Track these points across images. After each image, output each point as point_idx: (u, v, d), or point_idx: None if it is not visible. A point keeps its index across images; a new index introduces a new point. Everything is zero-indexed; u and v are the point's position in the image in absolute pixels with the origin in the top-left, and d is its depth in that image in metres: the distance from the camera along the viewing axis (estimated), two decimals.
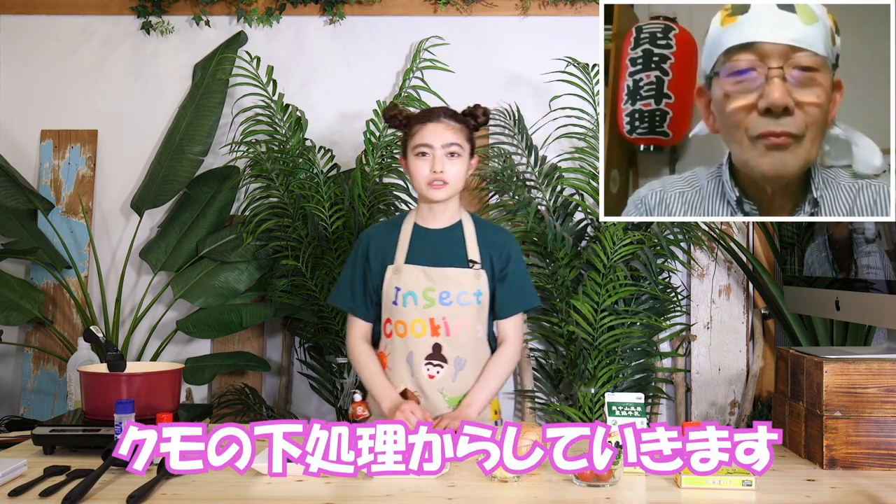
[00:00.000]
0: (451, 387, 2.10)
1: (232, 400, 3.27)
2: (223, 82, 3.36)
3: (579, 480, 1.62)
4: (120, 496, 1.52)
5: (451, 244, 2.14)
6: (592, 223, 3.31)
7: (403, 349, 2.11)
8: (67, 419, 1.95)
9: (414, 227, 2.16)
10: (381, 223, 2.29)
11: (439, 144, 2.05)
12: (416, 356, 2.09)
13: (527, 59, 3.47)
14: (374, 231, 2.22)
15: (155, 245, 3.38)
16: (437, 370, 2.09)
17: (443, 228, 2.15)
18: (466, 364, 2.11)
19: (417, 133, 2.07)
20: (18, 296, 3.17)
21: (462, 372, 2.10)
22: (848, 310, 1.94)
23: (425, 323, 2.09)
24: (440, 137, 2.05)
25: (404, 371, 2.11)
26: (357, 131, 3.46)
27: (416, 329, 2.09)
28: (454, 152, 2.06)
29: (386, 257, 2.14)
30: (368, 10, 3.49)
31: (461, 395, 2.10)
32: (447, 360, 2.09)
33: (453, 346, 2.09)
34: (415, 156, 2.07)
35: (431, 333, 2.09)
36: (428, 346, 2.09)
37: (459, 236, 2.15)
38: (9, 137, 3.53)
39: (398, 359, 2.12)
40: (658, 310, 3.21)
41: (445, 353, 2.09)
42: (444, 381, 2.09)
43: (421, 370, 2.09)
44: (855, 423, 1.76)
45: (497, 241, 2.17)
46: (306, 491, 1.59)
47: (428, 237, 2.15)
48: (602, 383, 3.13)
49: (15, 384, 3.50)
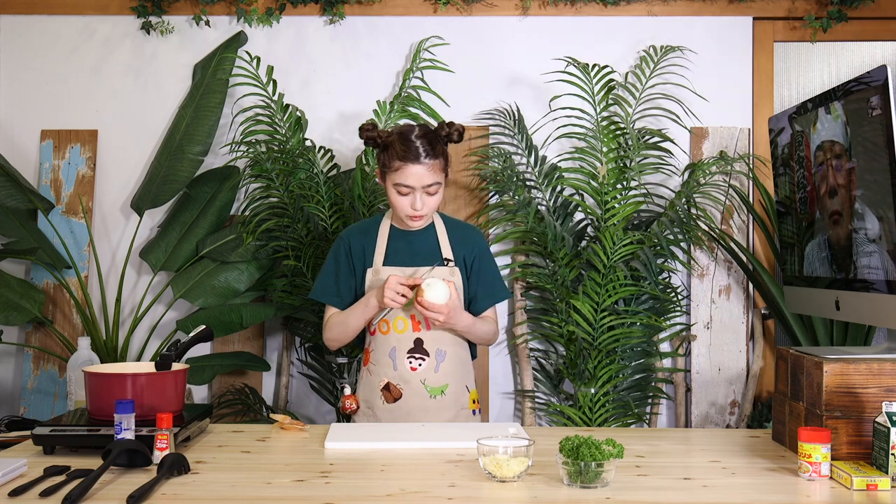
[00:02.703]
0: (433, 378, 2.22)
1: (232, 400, 3.27)
2: (223, 82, 3.36)
3: (568, 481, 1.61)
4: (120, 496, 1.52)
5: (426, 244, 2.27)
6: (592, 223, 3.31)
7: (386, 345, 2.22)
8: (67, 419, 1.95)
9: (390, 228, 2.27)
10: (358, 224, 2.37)
11: (420, 186, 2.15)
12: (398, 350, 2.21)
13: (527, 59, 3.47)
14: (353, 232, 2.32)
15: (155, 245, 3.38)
16: (420, 363, 2.21)
17: (416, 230, 2.26)
18: (447, 356, 2.23)
19: (398, 171, 2.14)
20: (18, 296, 3.17)
21: (443, 364, 2.23)
22: (848, 310, 1.93)
23: (406, 319, 2.21)
24: (421, 180, 2.14)
25: (387, 365, 2.22)
26: (357, 131, 3.46)
27: (398, 326, 2.22)
28: (433, 191, 2.17)
29: (366, 259, 2.26)
30: (368, 10, 3.49)
31: (443, 386, 2.22)
32: (429, 353, 2.21)
33: (434, 340, 2.22)
34: (394, 189, 2.16)
35: (413, 329, 2.21)
36: (410, 340, 2.21)
37: (433, 236, 2.29)
38: (9, 137, 3.53)
39: (381, 354, 2.23)
40: (658, 310, 3.21)
41: (427, 347, 2.21)
42: (426, 373, 2.21)
43: (404, 363, 2.21)
44: (855, 423, 1.76)
45: (467, 238, 2.31)
46: (306, 491, 1.59)
47: (405, 238, 2.27)
48: (602, 383, 3.13)
49: (15, 384, 3.50)
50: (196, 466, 1.75)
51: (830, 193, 1.96)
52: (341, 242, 2.29)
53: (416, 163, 2.13)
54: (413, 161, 2.12)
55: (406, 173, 2.13)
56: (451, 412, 2.24)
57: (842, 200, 1.91)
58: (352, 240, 2.29)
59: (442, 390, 2.22)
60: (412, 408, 2.21)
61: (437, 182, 2.16)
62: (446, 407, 2.23)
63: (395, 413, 2.21)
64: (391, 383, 2.21)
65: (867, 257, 1.83)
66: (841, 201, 1.92)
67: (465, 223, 2.42)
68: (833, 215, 1.96)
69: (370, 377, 2.26)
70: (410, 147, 2.13)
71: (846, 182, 1.88)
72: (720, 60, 3.47)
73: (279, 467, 1.76)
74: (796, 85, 3.59)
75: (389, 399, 2.22)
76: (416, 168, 2.13)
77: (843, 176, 1.89)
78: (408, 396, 2.20)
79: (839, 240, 1.94)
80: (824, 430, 1.67)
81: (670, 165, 3.28)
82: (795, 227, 2.17)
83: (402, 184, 2.14)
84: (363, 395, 2.27)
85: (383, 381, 2.22)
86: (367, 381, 2.27)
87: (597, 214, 3.21)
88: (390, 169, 2.15)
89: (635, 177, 3.18)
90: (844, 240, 1.92)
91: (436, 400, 2.22)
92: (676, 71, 3.38)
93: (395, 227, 2.28)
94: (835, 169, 1.93)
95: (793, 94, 3.58)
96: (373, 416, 2.24)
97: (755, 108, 3.49)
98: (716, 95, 3.44)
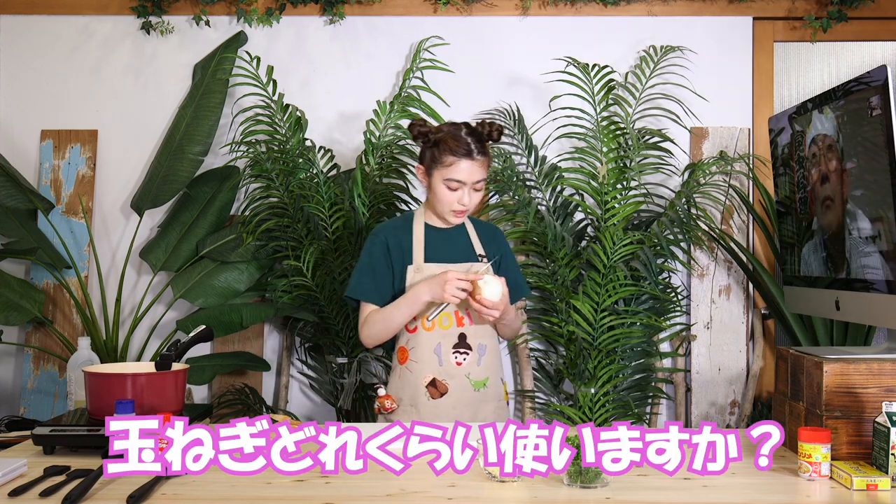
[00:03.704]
0: (476, 371, 2.26)
1: (232, 400, 3.27)
2: (223, 82, 3.36)
3: (568, 481, 1.62)
4: (120, 496, 1.52)
5: (460, 241, 2.33)
6: (592, 223, 3.31)
7: (431, 341, 2.25)
8: (67, 419, 1.95)
9: (425, 226, 2.31)
10: (391, 222, 2.38)
11: (471, 181, 2.21)
12: (443, 346, 2.25)
13: (527, 59, 3.47)
14: (388, 228, 2.33)
15: (155, 245, 3.38)
16: (464, 357, 2.25)
17: (450, 227, 2.32)
18: (487, 349, 2.29)
19: (452, 166, 2.19)
20: (18, 296, 3.17)
21: (484, 357, 2.28)
22: (848, 310, 1.93)
23: (451, 315, 2.25)
24: (473, 175, 2.21)
25: (432, 361, 2.24)
26: (357, 131, 3.46)
27: (442, 321, 2.25)
28: (480, 187, 2.23)
29: (404, 255, 2.28)
30: (368, 10, 3.49)
31: (484, 379, 2.27)
32: (472, 348, 2.26)
33: (476, 334, 2.27)
34: (443, 184, 2.21)
35: (457, 324, 2.25)
36: (454, 335, 2.25)
37: (465, 233, 2.35)
38: (9, 137, 3.53)
39: (425, 350, 2.25)
40: (658, 310, 3.21)
41: (470, 342, 2.26)
42: (469, 367, 2.26)
43: (449, 358, 2.24)
44: (855, 423, 1.76)
45: (493, 236, 2.39)
46: (306, 491, 1.59)
47: (440, 236, 2.31)
48: (602, 383, 3.13)
49: (15, 384, 3.50)
50: None
51: (830, 193, 1.96)
52: (377, 239, 2.30)
53: (468, 158, 2.19)
54: (466, 156, 2.18)
55: (459, 168, 2.18)
56: (492, 404, 2.30)
57: (841, 200, 1.91)
58: (388, 237, 2.30)
59: (484, 383, 2.27)
60: (457, 402, 2.24)
61: (484, 178, 2.23)
62: (488, 399, 2.29)
63: (441, 408, 2.23)
64: (437, 379, 2.24)
65: (867, 257, 1.83)
66: (840, 201, 1.92)
67: (488, 222, 2.49)
68: (832, 214, 1.96)
69: (411, 375, 2.26)
70: (463, 143, 2.19)
71: (844, 182, 1.88)
72: (720, 60, 3.47)
73: None
74: (796, 85, 3.59)
75: (436, 395, 2.23)
76: (469, 163, 2.19)
77: (842, 175, 1.89)
78: (453, 391, 2.24)
79: (838, 239, 1.94)
80: (824, 430, 1.67)
81: (670, 165, 3.28)
82: (795, 227, 2.17)
83: (453, 178, 2.19)
84: (403, 393, 2.27)
85: (428, 377, 2.24)
86: (406, 378, 2.27)
87: (597, 214, 3.21)
88: (442, 164, 2.20)
89: (635, 177, 3.18)
90: (844, 240, 1.92)
91: (479, 393, 2.27)
92: (676, 71, 3.38)
93: (429, 224, 2.32)
94: (834, 168, 1.93)
95: (793, 94, 3.58)
96: (416, 413, 2.24)
97: (755, 108, 3.49)
98: (716, 95, 3.44)
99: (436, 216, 2.30)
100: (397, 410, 2.27)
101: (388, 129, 3.25)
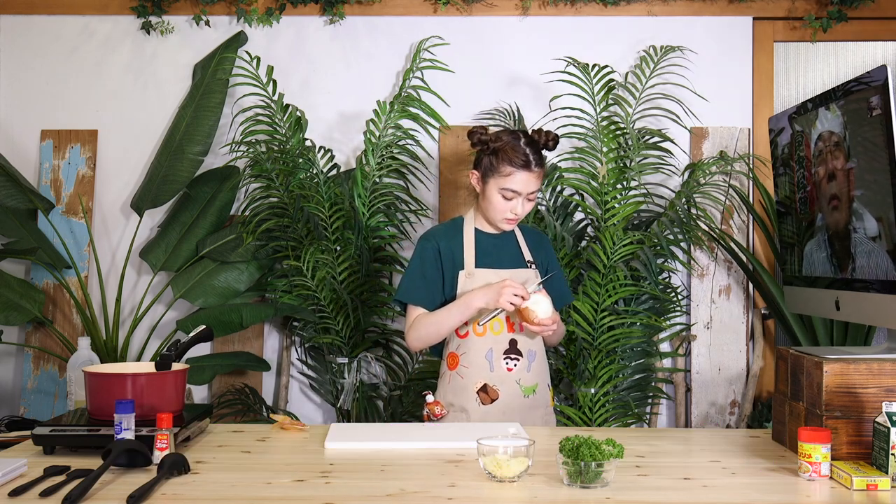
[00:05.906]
0: (526, 377, 2.27)
1: (232, 400, 3.27)
2: (223, 82, 3.36)
3: (568, 481, 1.62)
4: (120, 496, 1.52)
5: (509, 247, 2.34)
6: (592, 223, 3.31)
7: (482, 346, 2.25)
8: (67, 419, 1.95)
9: (475, 231, 2.30)
10: (441, 227, 2.39)
11: (526, 192, 2.23)
12: (495, 352, 2.25)
13: (527, 59, 3.47)
14: (440, 234, 2.34)
15: (155, 245, 3.38)
16: (515, 363, 2.26)
17: (500, 233, 2.34)
18: (537, 356, 2.30)
19: (509, 177, 2.20)
20: (18, 296, 3.17)
21: (534, 363, 2.29)
22: (848, 310, 1.93)
23: (502, 321, 2.27)
24: (529, 186, 2.22)
25: (483, 367, 2.25)
26: (357, 131, 3.46)
27: (494, 327, 2.26)
28: (533, 197, 2.26)
29: (455, 261, 2.28)
30: (368, 10, 3.49)
31: (534, 385, 2.28)
32: (522, 354, 2.27)
33: (526, 341, 2.28)
34: (499, 193, 2.22)
35: (508, 330, 2.26)
36: (505, 341, 2.26)
37: (514, 239, 2.36)
38: (9, 137, 3.53)
39: (476, 356, 2.25)
40: (658, 310, 3.21)
41: (520, 348, 2.27)
42: (520, 373, 2.26)
43: (500, 364, 2.25)
44: (855, 423, 1.76)
45: (542, 242, 2.42)
46: (306, 491, 1.59)
47: (490, 242, 2.33)
48: (602, 383, 3.13)
49: (15, 384, 3.50)
50: (196, 466, 1.75)
51: (830, 193, 1.96)
52: (428, 244, 2.30)
53: (526, 170, 2.20)
54: (524, 168, 2.20)
55: (516, 179, 2.20)
56: (540, 411, 2.30)
57: (841, 200, 1.91)
58: (440, 242, 2.30)
59: (533, 389, 2.28)
60: (507, 407, 2.24)
61: (539, 189, 2.26)
62: (537, 405, 2.29)
63: (491, 414, 2.23)
64: (488, 385, 2.24)
65: (867, 257, 1.83)
66: (840, 200, 1.92)
67: (534, 228, 2.50)
68: (833, 214, 1.96)
69: (462, 380, 2.26)
70: (521, 154, 2.20)
71: (851, 179, 1.88)
72: (720, 60, 3.48)
73: (279, 467, 1.76)
74: (796, 85, 3.59)
75: (486, 400, 2.24)
76: (526, 175, 2.20)
77: (849, 173, 1.89)
78: (504, 397, 2.24)
79: (839, 240, 1.94)
80: (824, 430, 1.67)
81: (670, 165, 3.28)
82: (795, 227, 2.17)
83: (509, 188, 2.21)
84: (453, 399, 2.27)
85: (479, 382, 2.24)
86: (457, 384, 2.27)
87: (597, 214, 3.21)
88: (500, 174, 2.21)
89: (635, 177, 3.18)
90: (844, 239, 1.92)
91: (529, 399, 2.27)
92: (676, 71, 3.38)
93: (479, 229, 2.32)
94: (840, 166, 1.93)
95: (793, 94, 3.58)
96: (466, 418, 2.25)
97: (755, 108, 3.50)
98: (716, 95, 3.44)
99: (486, 222, 2.31)
100: (447, 416, 2.27)
101: (388, 129, 3.25)
